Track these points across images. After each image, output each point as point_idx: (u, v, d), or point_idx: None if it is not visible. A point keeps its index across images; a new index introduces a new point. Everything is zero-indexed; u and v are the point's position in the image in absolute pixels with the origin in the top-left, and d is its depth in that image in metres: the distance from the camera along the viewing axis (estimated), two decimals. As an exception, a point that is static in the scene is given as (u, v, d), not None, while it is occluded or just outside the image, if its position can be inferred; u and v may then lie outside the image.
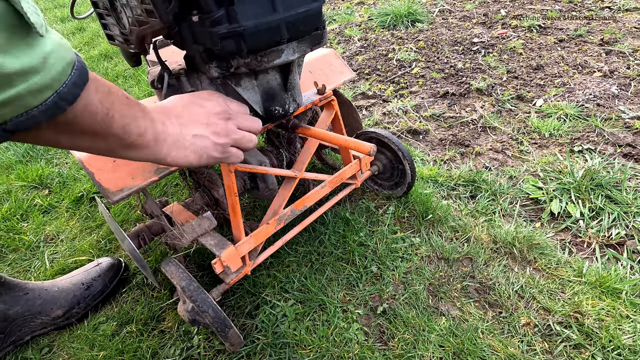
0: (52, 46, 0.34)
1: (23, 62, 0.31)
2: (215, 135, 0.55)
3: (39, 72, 0.33)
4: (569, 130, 1.36)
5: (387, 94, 1.74)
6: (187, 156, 0.53)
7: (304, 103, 0.82)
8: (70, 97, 0.36)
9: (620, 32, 1.92)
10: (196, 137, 0.53)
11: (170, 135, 0.50)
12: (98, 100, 0.40)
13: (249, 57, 0.59)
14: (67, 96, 0.36)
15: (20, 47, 0.31)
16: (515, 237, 0.97)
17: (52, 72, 0.34)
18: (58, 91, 0.35)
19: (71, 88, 0.36)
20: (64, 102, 0.36)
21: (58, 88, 0.35)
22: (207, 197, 0.92)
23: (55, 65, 0.34)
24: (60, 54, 0.35)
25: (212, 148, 0.55)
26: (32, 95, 0.33)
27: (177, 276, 0.73)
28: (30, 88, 0.33)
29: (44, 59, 0.33)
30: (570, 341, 0.76)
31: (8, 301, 0.83)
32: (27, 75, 0.32)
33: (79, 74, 0.37)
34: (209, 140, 0.54)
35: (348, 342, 0.79)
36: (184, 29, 0.58)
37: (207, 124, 0.54)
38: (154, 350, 0.82)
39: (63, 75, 0.35)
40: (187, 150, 0.53)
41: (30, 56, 0.32)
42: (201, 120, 0.54)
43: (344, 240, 1.02)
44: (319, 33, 0.64)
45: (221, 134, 0.56)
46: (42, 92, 0.34)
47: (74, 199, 1.28)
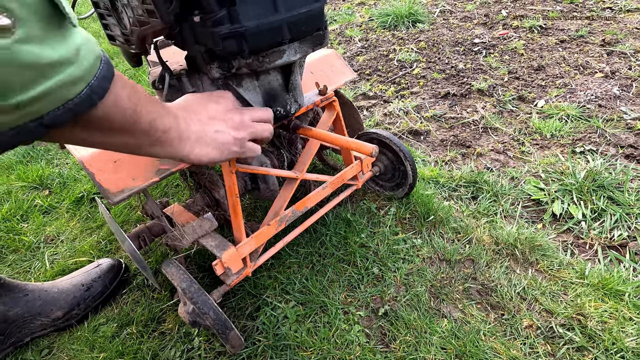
0: (82, 39, 0.35)
1: (60, 53, 0.32)
2: (234, 130, 0.56)
3: (73, 64, 0.33)
4: (570, 131, 1.36)
5: (388, 95, 1.73)
6: (209, 152, 0.54)
7: (306, 104, 0.81)
8: (101, 91, 0.37)
9: (622, 33, 1.92)
10: (217, 133, 0.54)
11: (193, 132, 0.52)
12: (126, 95, 0.40)
13: (250, 58, 0.58)
14: (98, 89, 0.36)
15: (56, 38, 0.32)
16: (517, 239, 0.97)
17: (85, 64, 0.34)
18: (90, 84, 0.35)
19: (101, 81, 0.36)
20: (96, 96, 0.36)
21: (90, 81, 0.35)
22: (207, 198, 0.92)
23: (86, 57, 0.35)
24: (89, 47, 0.35)
25: (232, 143, 0.56)
26: (67, 87, 0.33)
27: (178, 277, 0.72)
28: (66, 80, 0.33)
29: (76, 50, 0.33)
30: (573, 344, 0.76)
31: (8, 302, 0.83)
32: (63, 66, 0.32)
33: (107, 68, 0.37)
34: (230, 136, 0.56)
35: (349, 344, 0.79)
36: (185, 29, 0.58)
37: (224, 120, 0.56)
38: (154, 352, 0.82)
39: (94, 68, 0.36)
40: (209, 146, 0.54)
41: (65, 47, 0.32)
42: (219, 117, 0.56)
43: (345, 242, 1.01)
44: (320, 33, 0.64)
45: (239, 128, 0.57)
46: (76, 85, 0.34)
47: (75, 199, 1.28)
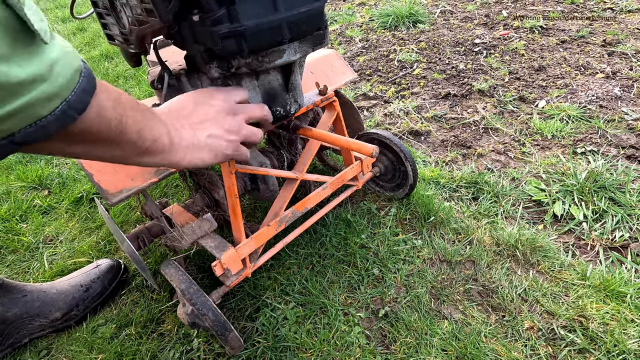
0: (58, 53, 0.33)
1: (28, 71, 0.30)
2: (227, 133, 0.55)
3: (45, 80, 0.32)
4: (571, 131, 1.36)
5: (389, 95, 1.73)
6: (203, 157, 0.53)
7: (306, 104, 0.81)
8: (80, 105, 0.35)
9: (623, 34, 1.91)
10: (210, 137, 0.53)
11: (185, 138, 0.50)
12: (111, 106, 0.39)
13: (250, 57, 0.58)
14: (76, 104, 0.35)
15: (25, 56, 0.30)
16: (518, 240, 0.97)
17: (60, 79, 0.33)
18: (67, 99, 0.34)
19: (80, 95, 0.35)
20: (74, 111, 0.35)
21: (67, 96, 0.34)
22: (207, 199, 0.91)
23: (62, 73, 0.33)
24: (67, 61, 0.34)
25: (225, 146, 0.55)
26: (40, 104, 0.32)
27: (177, 278, 0.72)
28: (38, 97, 0.31)
29: (50, 66, 0.32)
30: (574, 345, 0.75)
31: (6, 303, 0.82)
32: (34, 84, 0.31)
33: (87, 81, 0.36)
34: (222, 139, 0.55)
35: (349, 345, 0.79)
36: (185, 28, 0.57)
37: (218, 122, 0.54)
38: (153, 353, 0.81)
39: (71, 82, 0.34)
40: (202, 151, 0.53)
41: (36, 64, 0.31)
42: (212, 119, 0.54)
43: (345, 243, 1.01)
44: (320, 33, 0.64)
45: (233, 131, 0.56)
46: (50, 101, 0.33)
47: (74, 200, 1.27)
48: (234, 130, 0.56)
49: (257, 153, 0.90)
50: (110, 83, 1.57)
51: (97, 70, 2.26)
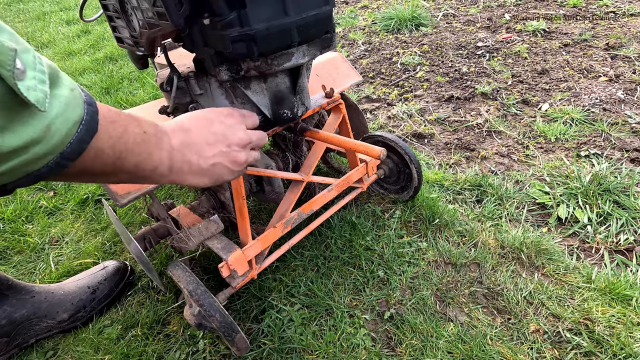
0: (58, 109, 0.33)
1: (23, 138, 0.30)
2: (232, 164, 0.54)
3: (40, 142, 0.31)
4: (575, 134, 1.36)
5: (392, 98, 1.74)
6: (203, 182, 0.53)
7: (312, 106, 0.81)
8: (74, 155, 0.35)
9: (626, 37, 1.92)
10: (214, 166, 0.53)
11: (186, 163, 0.50)
12: (109, 146, 0.38)
13: (259, 60, 0.59)
14: (70, 155, 0.34)
15: (20, 123, 0.30)
16: (523, 242, 0.97)
17: (55, 138, 0.33)
18: (61, 152, 0.34)
19: (76, 146, 0.34)
20: (67, 161, 0.35)
21: (62, 150, 0.34)
22: (213, 200, 0.92)
23: (59, 130, 0.33)
24: (66, 116, 0.33)
25: (227, 174, 0.55)
26: (32, 163, 0.32)
27: (184, 280, 0.72)
28: (30, 159, 0.32)
29: (47, 128, 0.32)
30: (580, 348, 0.75)
31: (15, 304, 0.83)
32: (27, 148, 0.31)
33: (86, 129, 0.35)
34: (226, 169, 0.54)
35: (355, 347, 0.79)
36: (195, 31, 0.58)
37: (226, 152, 0.54)
38: (159, 354, 0.81)
39: (68, 137, 0.34)
40: (203, 176, 0.52)
41: (32, 129, 0.31)
42: (220, 147, 0.53)
43: (350, 245, 1.01)
44: (329, 36, 0.64)
45: (238, 163, 0.55)
46: (44, 158, 0.33)
47: (79, 201, 1.28)
48: (239, 162, 0.55)
49: (263, 155, 0.91)
50: (114, 86, 1.57)
51: (101, 72, 2.27)
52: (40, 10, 3.77)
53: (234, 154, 0.54)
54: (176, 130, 0.50)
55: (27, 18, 3.60)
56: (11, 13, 3.85)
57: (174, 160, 0.48)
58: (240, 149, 0.55)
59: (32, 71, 0.30)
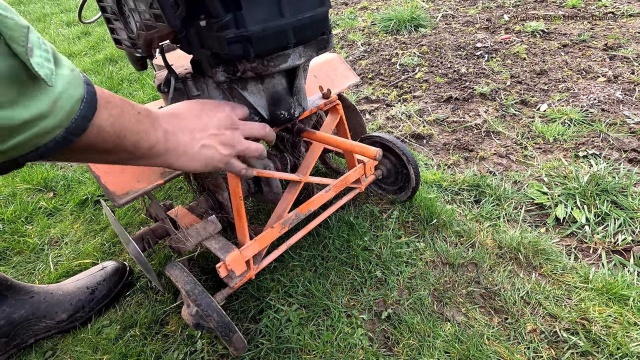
0: (63, 86, 0.35)
1: (32, 111, 0.32)
2: (222, 146, 0.57)
3: (47, 117, 0.34)
4: (573, 135, 1.36)
5: (391, 99, 1.74)
6: (193, 164, 0.55)
7: (309, 107, 0.82)
8: (79, 131, 0.37)
9: (624, 38, 1.92)
10: (204, 147, 0.55)
11: (181, 144, 0.52)
12: (110, 124, 0.41)
13: (255, 62, 0.59)
14: (75, 130, 0.37)
15: (29, 97, 0.32)
16: (521, 243, 0.97)
17: (62, 113, 0.35)
18: (67, 127, 0.36)
19: (80, 122, 0.37)
20: (73, 136, 0.37)
21: (67, 125, 0.36)
22: (211, 201, 0.92)
23: (65, 106, 0.35)
24: (69, 93, 0.36)
25: (217, 158, 0.57)
26: (42, 136, 0.34)
27: (182, 280, 0.73)
28: (40, 132, 0.34)
29: (53, 103, 0.34)
30: (577, 348, 0.75)
31: (13, 304, 0.83)
32: (36, 121, 0.33)
33: (88, 107, 0.38)
34: (216, 151, 0.56)
35: (352, 347, 0.79)
36: (192, 33, 0.58)
37: (215, 134, 0.56)
38: (157, 354, 0.82)
39: (72, 112, 0.36)
40: (194, 159, 0.54)
41: (40, 103, 0.33)
42: (210, 130, 0.55)
43: (348, 245, 1.01)
44: (325, 38, 0.65)
45: (227, 145, 0.57)
46: (51, 133, 0.35)
47: (79, 201, 1.29)
48: (228, 144, 0.57)
49: (261, 156, 0.91)
50: (114, 87, 1.59)
51: (101, 74, 2.28)
52: (41, 12, 3.78)
53: (223, 136, 0.56)
54: (167, 116, 0.52)
55: (28, 20, 3.62)
56: (12, 15, 3.86)
57: (169, 140, 0.50)
58: (229, 132, 0.57)
59: (38, 50, 0.32)
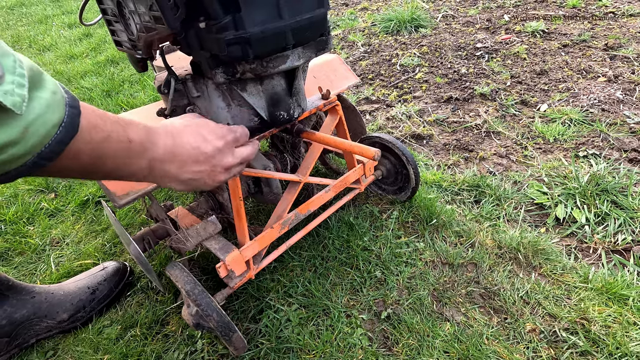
0: (39, 111, 0.34)
1: (1, 139, 0.31)
2: (212, 181, 0.56)
3: (17, 144, 0.32)
4: (573, 135, 1.36)
5: (391, 99, 1.74)
6: (179, 188, 0.54)
7: (309, 108, 0.82)
8: (53, 155, 0.36)
9: (625, 37, 1.92)
10: (193, 180, 0.54)
11: (167, 172, 0.51)
12: (90, 149, 0.39)
13: (254, 63, 0.59)
14: (49, 155, 0.35)
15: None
16: (520, 243, 0.97)
17: (33, 139, 0.33)
18: (39, 152, 0.35)
19: (54, 147, 0.35)
20: (45, 161, 0.35)
21: (39, 150, 0.34)
22: (211, 201, 0.92)
23: (37, 132, 0.34)
24: (45, 119, 0.34)
25: (203, 186, 0.56)
26: (10, 162, 0.33)
27: (182, 280, 0.73)
28: (8, 158, 0.33)
29: (24, 129, 0.32)
30: (576, 348, 0.75)
31: (15, 304, 0.84)
32: (4, 149, 0.32)
33: (66, 131, 0.36)
34: (204, 183, 0.56)
35: (352, 347, 0.79)
36: (191, 35, 0.59)
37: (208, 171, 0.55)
38: (157, 354, 0.82)
39: (46, 138, 0.35)
40: (180, 185, 0.54)
41: (8, 132, 0.32)
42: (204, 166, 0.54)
43: (347, 245, 1.01)
44: (324, 39, 0.65)
45: (217, 180, 0.57)
46: (21, 158, 0.34)
47: (80, 202, 1.29)
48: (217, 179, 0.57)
49: (261, 156, 0.91)
50: (115, 88, 1.59)
51: (102, 75, 2.28)
52: (43, 13, 3.80)
53: (214, 174, 0.56)
54: (166, 135, 0.51)
55: (30, 22, 3.64)
56: (14, 17, 3.88)
57: (154, 169, 0.49)
58: (224, 170, 0.57)
59: (10, 75, 0.31)
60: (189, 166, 0.53)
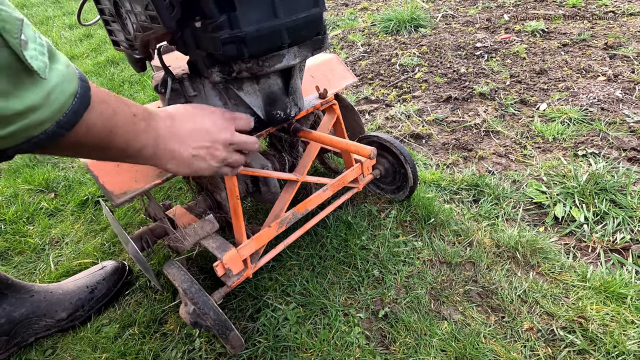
0: (57, 80, 0.36)
1: (25, 102, 0.33)
2: (213, 159, 0.58)
3: (40, 109, 0.35)
4: (572, 134, 1.36)
5: (390, 99, 1.74)
6: (182, 169, 0.56)
7: (306, 107, 0.82)
8: (69, 125, 0.38)
9: (625, 36, 1.92)
10: (194, 158, 0.56)
11: (169, 151, 0.53)
12: (101, 122, 0.42)
13: (250, 62, 0.60)
14: (66, 124, 0.38)
15: (23, 88, 0.33)
16: (519, 242, 0.97)
17: (54, 105, 0.36)
18: (58, 120, 0.37)
19: (71, 116, 0.38)
20: (63, 130, 0.38)
21: (59, 118, 0.37)
22: (209, 201, 0.93)
23: (57, 100, 0.36)
24: (63, 87, 0.36)
25: (205, 168, 0.58)
26: (33, 128, 0.35)
27: (179, 278, 0.73)
28: (32, 123, 0.35)
29: (47, 95, 0.35)
30: (574, 346, 0.75)
31: (14, 303, 0.84)
32: (29, 112, 0.34)
33: (81, 102, 0.39)
34: (206, 162, 0.58)
35: (349, 345, 0.79)
36: (187, 34, 0.59)
37: (208, 147, 0.57)
38: (155, 352, 0.82)
39: (64, 106, 0.37)
40: (182, 165, 0.56)
41: (33, 95, 0.34)
42: (204, 142, 0.57)
43: (345, 244, 1.02)
44: (320, 38, 0.65)
45: (218, 159, 0.59)
46: (43, 125, 0.36)
47: (79, 202, 1.30)
48: (219, 158, 0.59)
49: (259, 156, 0.92)
50: (115, 89, 1.59)
51: (102, 76, 2.29)
52: (44, 14, 3.81)
53: (214, 150, 0.57)
54: (164, 118, 0.53)
55: (31, 22, 3.65)
56: (16, 18, 3.90)
57: (159, 144, 0.51)
58: (223, 147, 0.59)
59: (32, 43, 0.33)
60: (189, 142, 0.55)
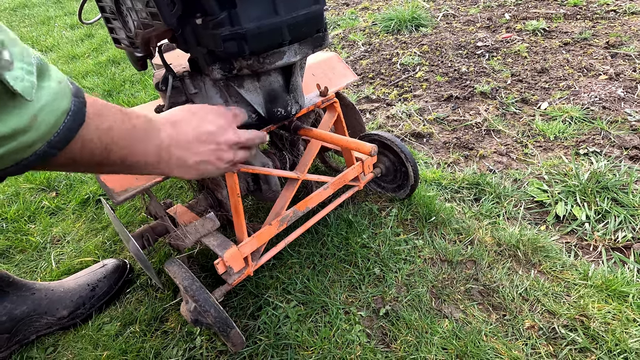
0: (47, 99, 0.34)
1: (9, 126, 0.31)
2: (219, 161, 0.57)
3: (27, 131, 0.33)
4: (574, 133, 1.36)
5: (391, 98, 1.74)
6: (188, 174, 0.55)
7: (306, 105, 0.82)
8: (61, 144, 0.36)
9: (626, 35, 1.91)
10: (200, 163, 0.55)
11: (176, 159, 0.52)
12: (97, 137, 0.40)
13: (251, 59, 0.60)
14: (58, 144, 0.36)
15: (6, 112, 0.31)
16: (520, 240, 0.97)
17: (43, 127, 0.34)
18: (49, 141, 0.35)
19: (63, 135, 0.36)
20: (55, 149, 0.36)
21: (49, 139, 0.35)
22: (210, 199, 0.93)
23: (46, 120, 0.34)
24: (53, 106, 0.34)
25: (212, 171, 0.57)
26: (22, 150, 0.34)
27: (180, 276, 0.73)
28: (19, 147, 0.33)
29: (33, 117, 0.33)
30: (575, 345, 0.75)
31: (15, 301, 0.84)
32: (15, 136, 0.32)
33: (74, 119, 0.37)
34: (213, 165, 0.57)
35: (350, 343, 0.79)
36: (188, 31, 0.59)
37: (214, 149, 0.56)
38: (156, 350, 0.82)
39: (55, 126, 0.35)
40: (189, 171, 0.55)
41: (18, 119, 0.32)
42: (209, 144, 0.55)
43: (346, 242, 1.02)
44: (320, 35, 0.65)
45: (224, 160, 0.58)
46: (31, 147, 0.34)
47: (81, 201, 1.30)
48: (225, 160, 0.58)
49: (260, 154, 0.92)
50: (116, 88, 1.60)
51: (104, 75, 2.30)
52: (45, 15, 3.82)
53: (220, 152, 0.56)
54: (166, 124, 0.52)
55: (32, 23, 3.66)
56: (17, 18, 3.91)
57: (162, 154, 0.50)
58: (228, 148, 0.58)
59: (19, 62, 0.31)
60: (194, 147, 0.53)
